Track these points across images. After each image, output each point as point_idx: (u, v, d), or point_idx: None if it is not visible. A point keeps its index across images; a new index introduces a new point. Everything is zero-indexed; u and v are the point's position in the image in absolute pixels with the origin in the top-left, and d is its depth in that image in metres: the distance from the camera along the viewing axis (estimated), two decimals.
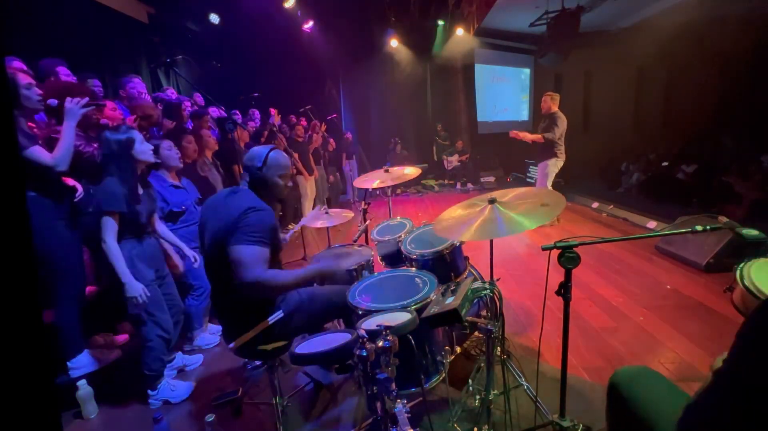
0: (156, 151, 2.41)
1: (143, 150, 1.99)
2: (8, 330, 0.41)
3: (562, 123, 4.74)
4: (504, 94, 9.97)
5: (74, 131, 2.02)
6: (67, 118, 2.01)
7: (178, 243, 2.36)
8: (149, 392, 2.13)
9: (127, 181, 1.94)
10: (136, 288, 1.92)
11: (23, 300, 0.42)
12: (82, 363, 2.23)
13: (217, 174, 3.36)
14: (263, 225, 1.57)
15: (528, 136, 4.94)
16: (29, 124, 2.11)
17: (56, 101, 2.12)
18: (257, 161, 1.69)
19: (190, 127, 3.54)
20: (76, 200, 2.24)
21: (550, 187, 4.81)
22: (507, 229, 1.45)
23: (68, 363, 2.19)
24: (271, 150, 1.73)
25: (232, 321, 1.72)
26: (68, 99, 2.02)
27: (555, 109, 4.82)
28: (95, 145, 2.31)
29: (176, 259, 2.41)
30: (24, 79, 1.95)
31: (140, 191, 2.04)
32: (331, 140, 7.54)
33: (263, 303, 1.69)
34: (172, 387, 2.18)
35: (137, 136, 1.98)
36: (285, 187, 1.79)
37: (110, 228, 1.89)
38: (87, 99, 2.07)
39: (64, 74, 2.83)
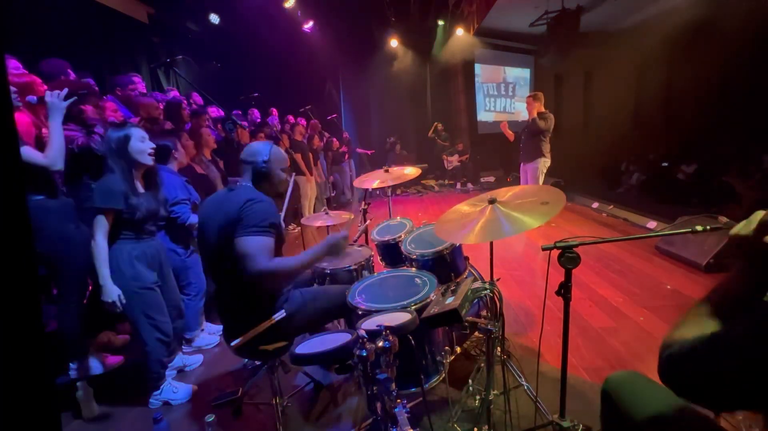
0: (169, 151, 2.43)
1: (140, 149, 1.96)
2: (8, 331, 0.41)
3: (549, 120, 4.47)
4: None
5: (61, 127, 1.93)
6: (52, 114, 1.91)
7: None
8: (153, 392, 2.14)
9: (126, 178, 1.91)
10: (111, 293, 1.85)
11: (23, 301, 0.42)
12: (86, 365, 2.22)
13: (216, 171, 3.38)
14: (265, 215, 1.58)
15: (509, 135, 4.85)
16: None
17: (35, 98, 2.04)
18: (263, 155, 1.73)
19: (189, 127, 3.54)
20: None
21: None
22: (510, 229, 1.43)
23: (71, 364, 2.18)
24: (273, 145, 1.80)
25: (235, 320, 1.72)
26: (48, 93, 1.90)
27: (542, 109, 4.56)
28: (95, 137, 2.32)
29: None
30: None
31: (140, 190, 2.00)
32: (335, 140, 7.53)
33: (266, 302, 1.69)
34: (175, 389, 2.18)
35: (135, 133, 1.94)
36: (285, 181, 1.86)
37: (101, 225, 1.84)
38: (66, 90, 1.95)
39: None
